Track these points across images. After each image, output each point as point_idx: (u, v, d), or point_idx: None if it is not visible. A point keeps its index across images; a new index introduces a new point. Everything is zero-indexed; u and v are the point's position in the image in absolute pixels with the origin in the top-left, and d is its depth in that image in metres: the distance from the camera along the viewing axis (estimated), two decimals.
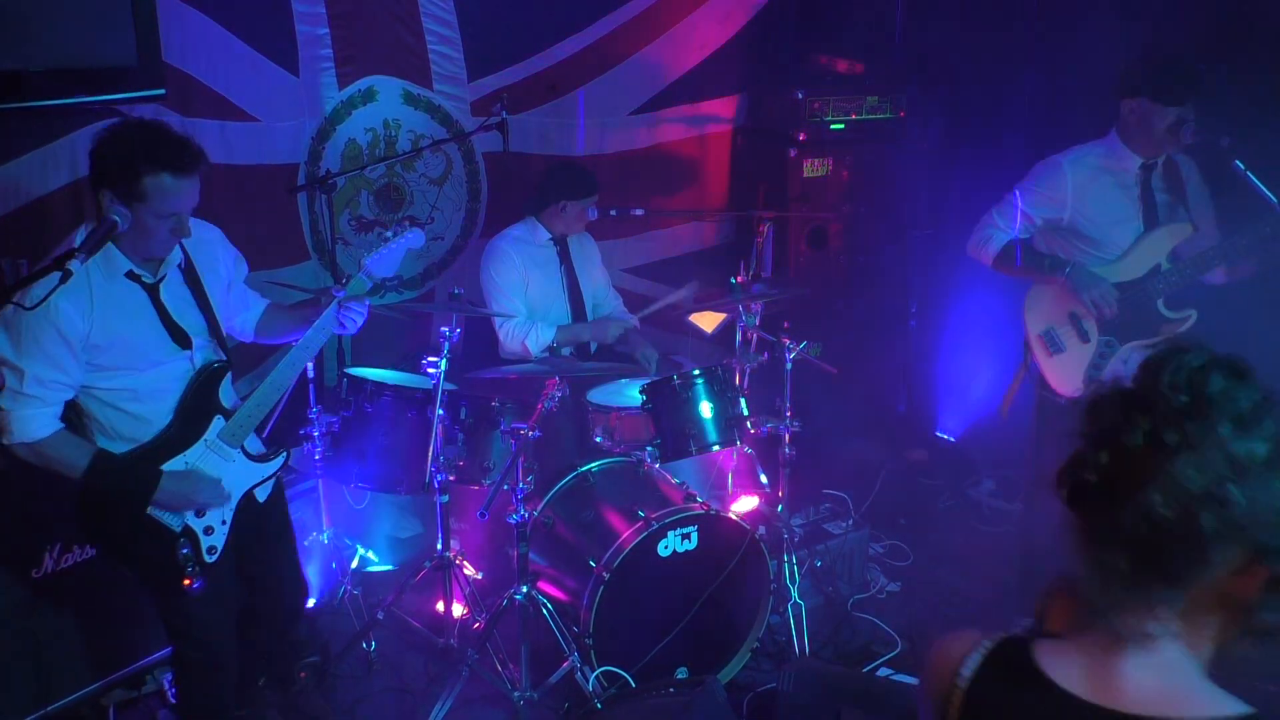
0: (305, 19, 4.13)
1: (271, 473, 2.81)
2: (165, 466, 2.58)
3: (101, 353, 2.46)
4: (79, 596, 3.10)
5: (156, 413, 2.60)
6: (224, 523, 2.68)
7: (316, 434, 3.61)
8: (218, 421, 2.66)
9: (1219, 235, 3.27)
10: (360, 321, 2.83)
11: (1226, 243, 3.17)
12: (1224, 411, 1.05)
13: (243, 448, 2.71)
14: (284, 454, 2.84)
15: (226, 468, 2.68)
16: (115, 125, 2.48)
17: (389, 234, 2.92)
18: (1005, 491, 4.79)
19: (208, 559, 2.64)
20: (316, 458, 3.63)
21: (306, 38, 4.15)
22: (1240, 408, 1.06)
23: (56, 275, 2.28)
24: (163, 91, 3.65)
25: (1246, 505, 1.03)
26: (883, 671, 3.48)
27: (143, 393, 2.56)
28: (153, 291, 2.56)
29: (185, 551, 2.58)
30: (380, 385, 3.57)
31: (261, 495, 2.81)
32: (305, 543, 3.88)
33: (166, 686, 3.34)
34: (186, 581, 2.58)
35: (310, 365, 3.51)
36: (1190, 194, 3.30)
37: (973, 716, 1.17)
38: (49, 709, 3.08)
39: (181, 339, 2.61)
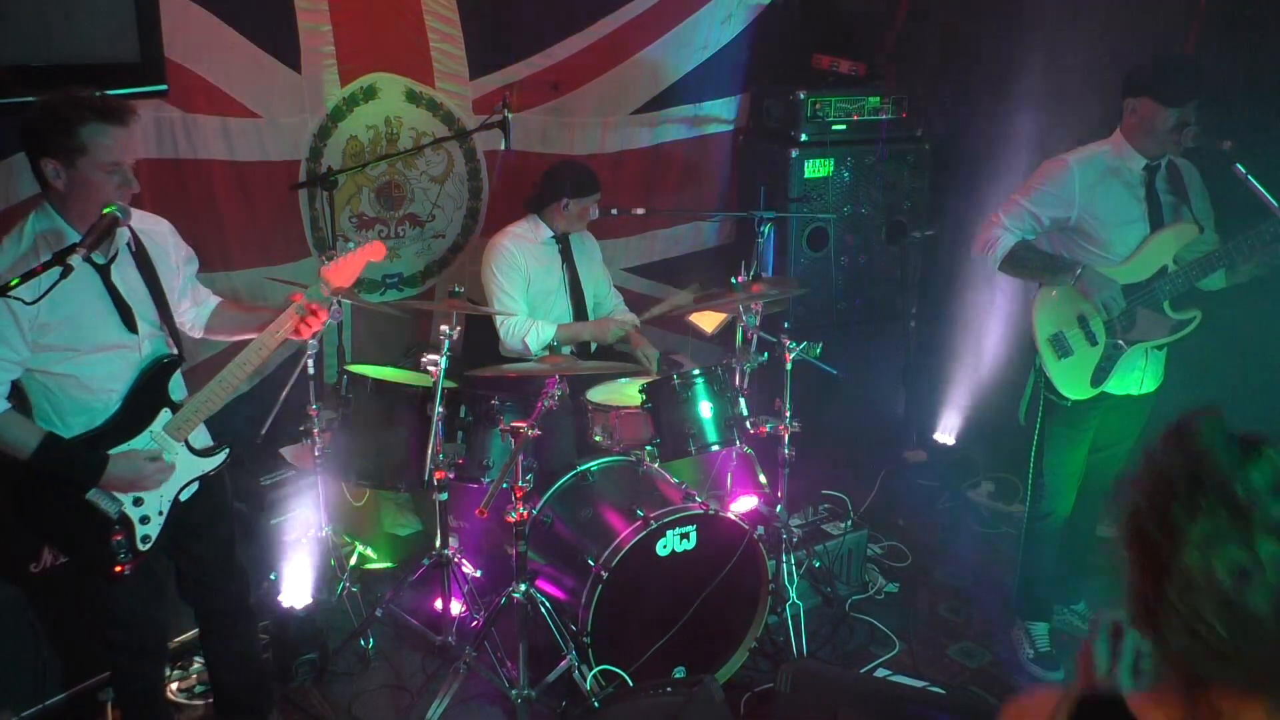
0: (308, 15, 4.12)
1: (212, 469, 2.78)
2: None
3: (49, 331, 2.44)
4: (78, 591, 3.09)
5: (103, 402, 2.58)
6: (160, 513, 2.67)
7: (316, 430, 3.61)
8: (164, 414, 2.66)
9: (1218, 239, 3.27)
10: (318, 329, 2.82)
11: (1229, 245, 3.16)
12: None
13: (187, 442, 2.70)
14: (226, 450, 2.82)
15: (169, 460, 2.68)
16: (39, 101, 2.48)
17: (350, 245, 2.95)
18: (1004, 493, 4.80)
19: (141, 547, 2.64)
20: (316, 454, 3.63)
21: (309, 34, 4.15)
22: None
23: (58, 270, 2.28)
24: (165, 88, 3.65)
25: None
26: (880, 672, 3.49)
27: (89, 379, 2.54)
28: (103, 272, 2.54)
29: (119, 539, 2.59)
30: (380, 382, 3.57)
31: (184, 494, 2.74)
32: (304, 540, 3.89)
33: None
34: (118, 569, 2.58)
35: (310, 362, 3.50)
36: (1192, 197, 3.29)
37: None
38: (47, 703, 3.09)
39: (130, 321, 2.58)
